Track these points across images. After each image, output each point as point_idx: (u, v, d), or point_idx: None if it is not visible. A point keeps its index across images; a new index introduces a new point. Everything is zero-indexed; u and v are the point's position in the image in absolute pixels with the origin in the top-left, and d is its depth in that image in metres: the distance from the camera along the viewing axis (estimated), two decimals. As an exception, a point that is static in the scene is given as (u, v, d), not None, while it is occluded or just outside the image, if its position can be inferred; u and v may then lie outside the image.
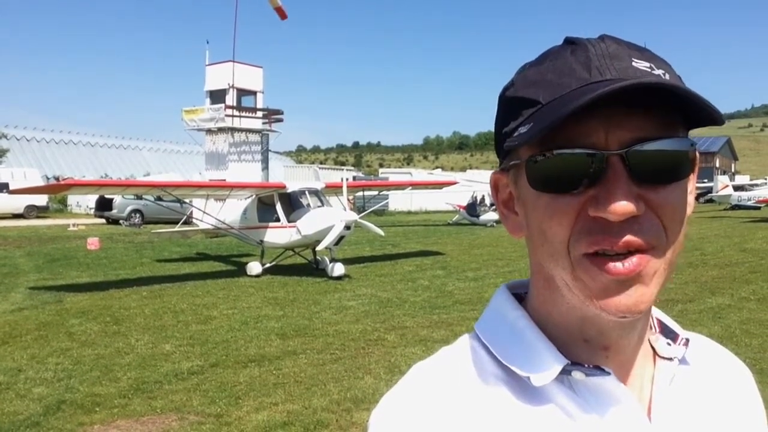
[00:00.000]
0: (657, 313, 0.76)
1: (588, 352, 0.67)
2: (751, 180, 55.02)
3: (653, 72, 0.61)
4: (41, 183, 29.89)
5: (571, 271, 0.62)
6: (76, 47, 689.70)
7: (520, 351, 0.68)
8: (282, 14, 29.43)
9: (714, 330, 7.85)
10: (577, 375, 0.65)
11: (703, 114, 0.61)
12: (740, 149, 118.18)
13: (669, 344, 0.73)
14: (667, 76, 0.62)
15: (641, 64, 0.62)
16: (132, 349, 7.57)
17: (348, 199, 17.45)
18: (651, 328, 0.74)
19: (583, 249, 0.61)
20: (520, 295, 0.75)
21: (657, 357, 0.73)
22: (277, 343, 7.86)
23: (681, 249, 0.65)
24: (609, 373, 0.65)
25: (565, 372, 0.65)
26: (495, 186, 0.74)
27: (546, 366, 0.65)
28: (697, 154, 0.67)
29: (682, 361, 0.73)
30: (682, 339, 0.74)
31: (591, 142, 0.60)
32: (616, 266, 0.60)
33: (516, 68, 0.70)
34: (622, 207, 0.58)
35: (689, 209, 0.66)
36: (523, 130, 0.62)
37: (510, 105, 0.66)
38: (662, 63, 0.64)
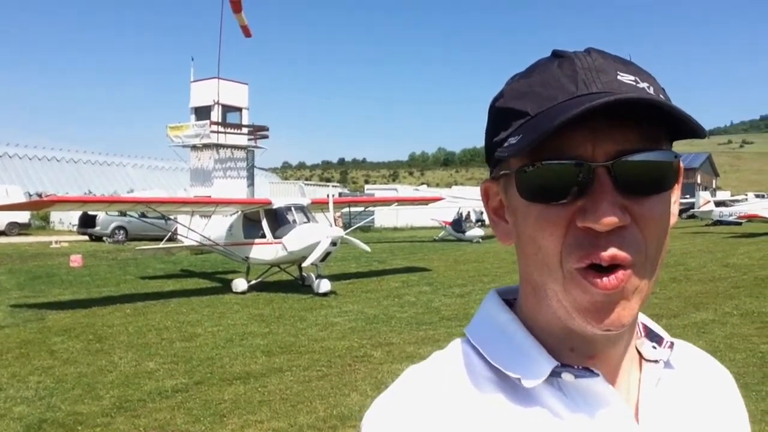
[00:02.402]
0: (642, 318, 0.78)
1: (574, 359, 0.69)
2: (731, 196, 55.75)
3: (638, 85, 0.63)
4: (23, 199, 29.54)
5: (563, 284, 0.64)
6: (60, 63, 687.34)
7: (510, 353, 0.70)
8: (247, 32, 29.55)
9: (698, 345, 7.60)
10: (566, 377, 0.67)
11: (686, 127, 0.63)
12: (720, 165, 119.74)
13: (654, 347, 0.75)
14: (652, 89, 0.64)
15: (626, 78, 0.64)
16: (115, 367, 7.47)
17: (337, 216, 17.43)
18: (637, 332, 0.76)
19: (574, 263, 0.63)
20: (509, 300, 0.77)
21: (643, 360, 0.74)
22: (262, 360, 7.80)
23: (663, 260, 0.67)
24: (598, 375, 0.66)
25: (554, 374, 0.67)
26: (486, 194, 0.76)
27: (536, 368, 0.67)
28: (682, 165, 0.69)
29: (667, 364, 0.75)
30: (667, 342, 0.76)
31: (578, 154, 0.62)
32: (604, 281, 0.62)
33: (502, 84, 0.72)
34: (609, 218, 0.60)
35: (673, 219, 0.68)
36: (512, 140, 0.64)
37: (500, 115, 0.68)
38: (647, 76, 0.66)
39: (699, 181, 74.16)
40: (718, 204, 40.47)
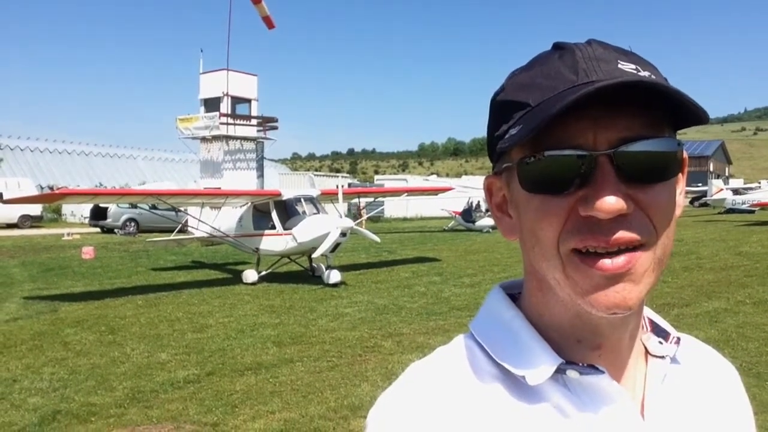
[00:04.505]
0: (648, 312, 0.77)
1: (581, 352, 0.68)
2: (744, 183, 55.29)
3: (639, 73, 0.62)
4: (35, 192, 29.77)
5: (562, 269, 0.64)
6: (70, 57, 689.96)
7: (515, 350, 0.69)
8: (270, 24, 29.48)
9: (711, 334, 7.86)
10: (571, 374, 0.66)
11: (689, 113, 0.62)
12: (733, 152, 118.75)
13: (660, 343, 0.74)
14: (653, 78, 0.63)
15: (627, 66, 0.63)
16: (128, 359, 7.54)
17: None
18: (643, 327, 0.75)
19: (572, 245, 0.62)
20: (514, 295, 0.76)
21: (649, 356, 0.74)
22: (273, 350, 7.83)
23: (671, 249, 0.66)
24: (603, 372, 0.66)
25: (559, 371, 0.66)
26: (489, 189, 0.75)
27: (541, 365, 0.66)
28: (686, 156, 0.68)
29: (674, 360, 0.74)
30: (674, 338, 0.75)
31: (580, 143, 0.61)
32: (605, 263, 0.61)
33: (508, 74, 0.71)
34: (611, 205, 0.59)
35: (678, 210, 0.67)
36: (513, 131, 0.63)
37: (501, 108, 0.68)
38: (648, 65, 0.65)
39: (711, 169, 73.66)
40: (735, 191, 40.00)
